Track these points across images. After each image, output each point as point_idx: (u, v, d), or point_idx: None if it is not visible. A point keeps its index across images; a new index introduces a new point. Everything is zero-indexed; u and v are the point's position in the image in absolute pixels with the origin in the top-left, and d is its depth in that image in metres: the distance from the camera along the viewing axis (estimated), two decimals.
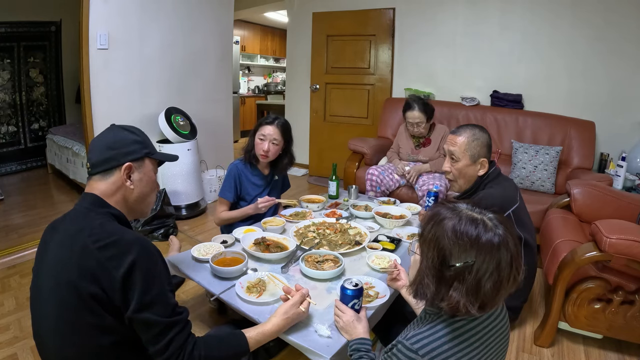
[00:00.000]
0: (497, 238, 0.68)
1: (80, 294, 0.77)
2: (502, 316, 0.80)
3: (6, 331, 1.66)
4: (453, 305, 0.69)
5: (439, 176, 2.54)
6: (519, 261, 0.71)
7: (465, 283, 0.68)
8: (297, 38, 4.34)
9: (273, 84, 7.70)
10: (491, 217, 0.72)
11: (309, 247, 1.49)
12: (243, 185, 1.89)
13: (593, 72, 2.87)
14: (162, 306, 0.80)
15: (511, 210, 1.52)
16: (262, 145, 1.79)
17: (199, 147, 3.09)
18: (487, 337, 0.75)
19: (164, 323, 0.79)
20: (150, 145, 0.98)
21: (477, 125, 1.61)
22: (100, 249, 0.77)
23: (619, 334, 1.55)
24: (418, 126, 2.56)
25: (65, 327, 0.79)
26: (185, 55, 3.22)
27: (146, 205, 1.00)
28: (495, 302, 0.71)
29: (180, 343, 0.81)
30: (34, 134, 4.26)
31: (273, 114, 1.95)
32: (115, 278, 0.76)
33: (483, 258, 0.67)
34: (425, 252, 0.74)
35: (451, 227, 0.70)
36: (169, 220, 2.70)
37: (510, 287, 0.71)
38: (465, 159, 1.55)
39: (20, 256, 2.29)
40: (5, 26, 3.78)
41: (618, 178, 2.48)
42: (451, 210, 0.73)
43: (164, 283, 0.82)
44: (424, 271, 0.74)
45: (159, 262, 0.83)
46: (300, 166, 4.58)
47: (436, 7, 3.43)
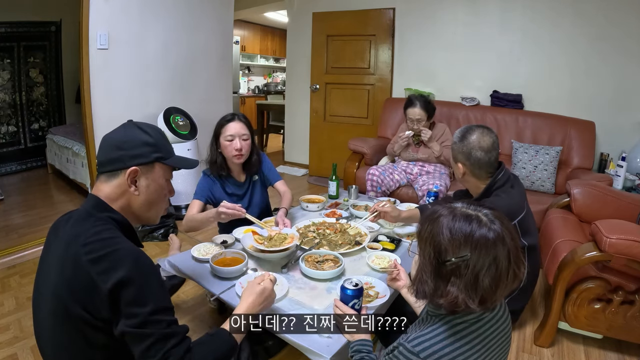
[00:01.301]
0: (492, 233, 0.69)
1: (69, 314, 0.74)
2: (505, 318, 0.80)
3: (6, 331, 1.66)
4: (452, 300, 0.70)
5: (439, 176, 2.54)
6: (518, 256, 0.71)
7: (462, 278, 0.69)
8: (297, 38, 4.34)
9: (273, 84, 7.71)
10: (486, 213, 0.73)
11: (309, 247, 1.49)
12: (219, 200, 1.67)
13: (593, 72, 2.87)
14: (155, 322, 0.74)
15: (516, 220, 1.48)
16: (233, 145, 1.64)
17: (199, 147, 3.09)
18: (489, 338, 0.75)
19: (158, 334, 0.74)
20: (164, 149, 0.90)
21: (467, 127, 1.55)
22: (91, 262, 0.73)
23: (619, 334, 1.55)
24: (418, 123, 2.56)
25: (59, 337, 0.78)
26: (185, 55, 3.22)
27: (153, 213, 0.93)
28: (496, 298, 0.71)
29: (177, 357, 0.74)
30: (34, 134, 4.26)
31: (230, 112, 1.78)
32: (103, 292, 0.72)
33: (478, 253, 0.68)
34: (422, 249, 0.76)
35: (446, 224, 0.71)
36: (169, 220, 2.70)
37: (511, 282, 0.71)
38: (456, 168, 1.57)
39: (20, 256, 2.29)
40: (5, 26, 3.78)
41: (618, 178, 2.48)
42: (447, 208, 0.75)
43: (160, 299, 0.77)
44: (422, 268, 0.75)
45: (151, 278, 0.77)
46: (300, 166, 4.58)
47: (436, 6, 3.43)
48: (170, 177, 0.95)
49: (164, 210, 0.98)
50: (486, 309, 0.73)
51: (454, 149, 1.55)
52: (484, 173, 1.52)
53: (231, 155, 1.66)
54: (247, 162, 1.75)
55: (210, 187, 1.73)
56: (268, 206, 1.96)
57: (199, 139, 3.09)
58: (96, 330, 0.75)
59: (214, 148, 1.71)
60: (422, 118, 2.55)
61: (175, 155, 0.96)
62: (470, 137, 1.50)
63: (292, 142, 4.74)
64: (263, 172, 1.86)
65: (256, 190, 1.85)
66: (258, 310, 0.96)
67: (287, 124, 4.74)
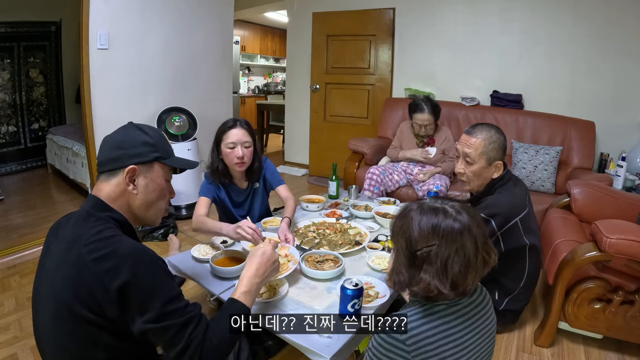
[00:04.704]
0: (457, 224, 0.76)
1: (74, 315, 0.74)
2: (485, 303, 0.85)
3: (6, 331, 1.66)
4: (424, 286, 0.76)
5: (439, 176, 2.55)
6: (486, 243, 0.79)
7: (433, 265, 0.75)
8: (297, 38, 4.34)
9: (273, 84, 7.71)
10: (453, 205, 0.79)
11: (309, 247, 1.49)
12: (224, 202, 1.73)
13: (593, 71, 2.87)
14: (170, 313, 0.76)
15: (518, 218, 1.48)
16: (235, 152, 1.61)
17: (198, 147, 3.09)
18: (471, 321, 0.79)
19: (178, 323, 0.76)
20: (163, 149, 0.92)
21: (493, 125, 1.53)
22: (95, 261, 0.74)
23: (619, 334, 1.55)
24: (426, 128, 2.56)
25: (61, 339, 0.78)
26: (185, 55, 3.22)
27: (153, 214, 0.93)
28: (468, 282, 0.77)
29: (200, 339, 0.78)
30: (34, 134, 4.26)
31: (232, 118, 1.73)
32: (111, 291, 0.73)
33: (445, 241, 0.75)
34: (396, 243, 0.82)
35: (415, 218, 0.78)
36: (169, 220, 2.70)
37: (482, 267, 0.78)
38: (480, 162, 1.48)
39: (20, 256, 2.29)
40: (5, 26, 3.78)
41: (618, 178, 2.48)
42: (416, 203, 0.82)
43: (168, 290, 0.78)
44: (397, 260, 0.81)
45: (157, 271, 0.79)
46: (300, 166, 4.58)
47: (436, 6, 3.43)
48: (169, 178, 0.96)
49: (164, 212, 0.98)
50: (460, 294, 0.78)
51: (495, 147, 1.48)
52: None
53: (233, 163, 1.63)
54: (249, 169, 1.72)
55: (216, 190, 1.72)
56: (268, 211, 1.96)
57: (198, 139, 3.09)
58: (100, 329, 0.75)
59: (215, 154, 1.68)
60: (430, 123, 2.55)
61: (175, 156, 0.96)
62: (498, 130, 1.51)
63: (292, 142, 4.74)
64: (265, 177, 1.83)
65: (257, 197, 1.84)
66: (264, 275, 0.97)
67: (287, 124, 4.74)
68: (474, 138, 1.49)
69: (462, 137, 1.54)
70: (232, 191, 1.77)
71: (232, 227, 1.43)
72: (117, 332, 0.76)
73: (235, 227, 1.40)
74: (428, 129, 2.57)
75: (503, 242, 1.51)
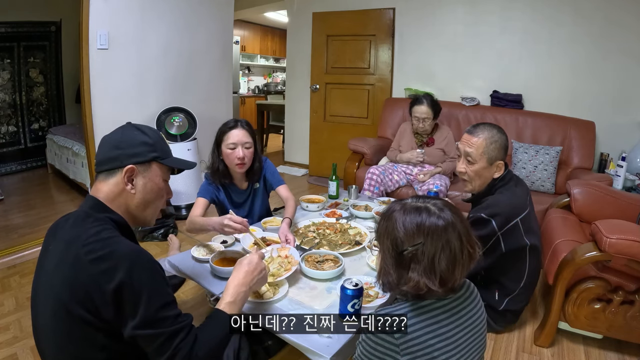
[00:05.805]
0: (441, 221, 0.77)
1: (72, 315, 0.74)
2: (473, 298, 0.86)
3: (6, 331, 1.66)
4: (414, 285, 0.77)
5: (439, 176, 2.55)
6: (470, 237, 0.80)
7: (421, 263, 0.77)
8: (297, 38, 4.34)
9: (273, 84, 7.71)
10: (435, 203, 0.81)
11: (309, 247, 1.49)
12: (223, 203, 1.73)
13: (593, 71, 2.87)
14: (162, 320, 0.76)
15: (519, 218, 1.48)
16: (235, 153, 1.61)
17: (198, 147, 3.09)
18: (459, 315, 0.81)
19: (168, 332, 0.76)
20: (161, 149, 0.92)
21: (495, 125, 1.53)
22: (92, 262, 0.74)
23: (619, 334, 1.55)
24: (424, 122, 2.56)
25: (60, 339, 0.78)
26: (185, 55, 3.22)
27: (149, 214, 0.94)
28: (455, 277, 0.78)
29: (186, 350, 0.77)
30: (34, 134, 4.26)
31: (232, 119, 1.72)
32: (107, 293, 0.73)
33: (431, 239, 0.76)
34: (382, 244, 0.83)
35: (399, 219, 0.79)
36: (169, 220, 2.70)
37: (467, 261, 0.79)
38: (482, 162, 1.49)
39: (20, 256, 2.29)
40: (5, 26, 3.78)
41: (618, 178, 2.48)
42: (398, 204, 0.83)
43: (162, 295, 0.78)
44: (384, 262, 0.82)
45: (154, 275, 0.78)
46: (300, 166, 4.58)
47: (436, 6, 3.43)
48: (167, 179, 0.96)
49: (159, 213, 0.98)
50: (449, 290, 0.80)
51: (497, 147, 1.48)
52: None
53: (233, 164, 1.63)
54: (249, 170, 1.72)
55: (215, 192, 1.72)
56: (268, 211, 1.96)
57: (198, 139, 3.09)
58: (97, 331, 0.75)
59: (216, 155, 1.68)
60: (428, 116, 2.55)
61: (173, 156, 0.97)
62: (499, 130, 1.51)
63: (292, 142, 4.74)
64: (266, 177, 1.83)
65: (257, 197, 1.83)
66: (250, 284, 0.96)
67: (287, 124, 4.74)
68: (475, 137, 1.50)
69: (464, 137, 1.54)
70: (232, 192, 1.77)
71: (218, 220, 1.43)
72: (113, 334, 0.76)
73: (221, 222, 1.40)
74: (427, 124, 2.56)
75: (503, 242, 1.51)
